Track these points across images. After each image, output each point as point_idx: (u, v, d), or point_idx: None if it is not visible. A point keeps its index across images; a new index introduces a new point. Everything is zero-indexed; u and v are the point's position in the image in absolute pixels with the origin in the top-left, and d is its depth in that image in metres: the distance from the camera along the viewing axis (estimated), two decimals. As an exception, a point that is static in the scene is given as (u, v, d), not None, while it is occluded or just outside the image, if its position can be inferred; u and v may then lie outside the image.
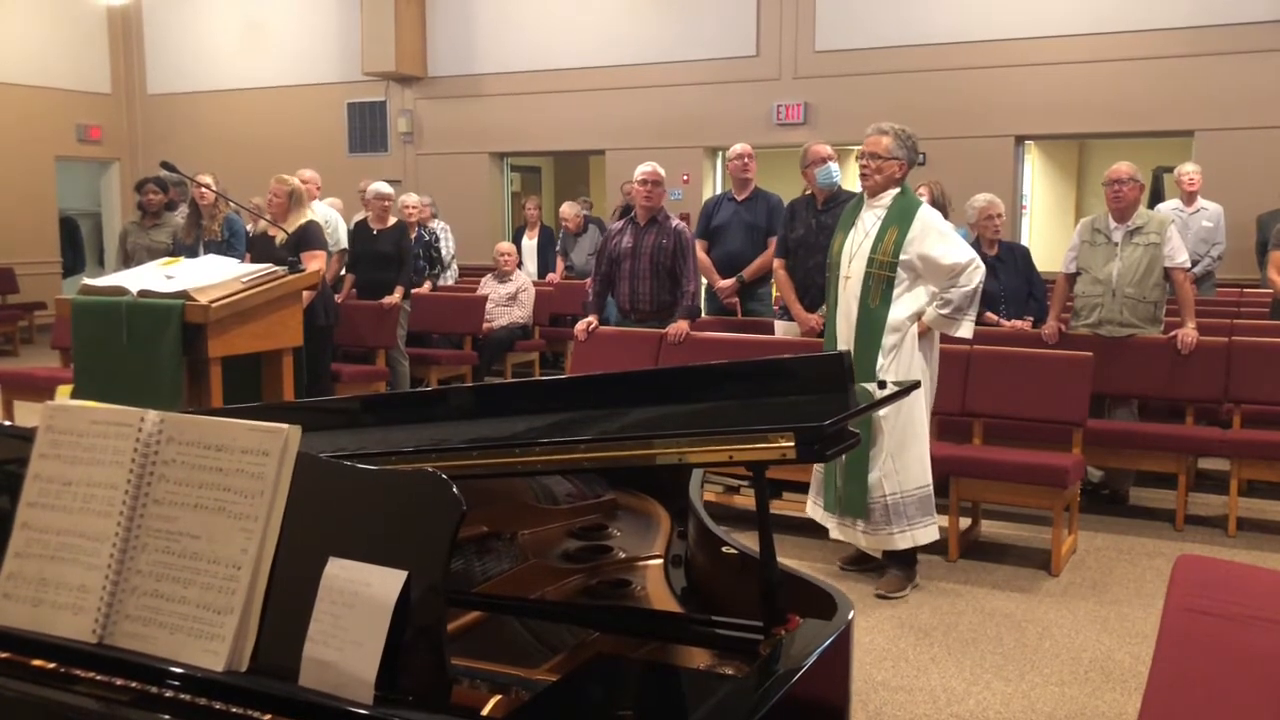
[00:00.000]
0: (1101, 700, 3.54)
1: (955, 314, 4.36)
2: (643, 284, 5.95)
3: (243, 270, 5.35)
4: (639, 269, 5.94)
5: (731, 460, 1.77)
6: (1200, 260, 7.99)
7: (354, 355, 7.74)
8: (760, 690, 1.61)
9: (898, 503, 4.37)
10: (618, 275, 6.04)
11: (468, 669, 1.76)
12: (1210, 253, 8.05)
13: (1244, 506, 5.51)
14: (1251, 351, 5.61)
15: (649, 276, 5.93)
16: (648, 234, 5.94)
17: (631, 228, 6.03)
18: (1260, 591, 2.86)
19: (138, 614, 1.62)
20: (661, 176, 5.99)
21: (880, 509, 4.38)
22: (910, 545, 4.43)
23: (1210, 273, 8.16)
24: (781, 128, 11.54)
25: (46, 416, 1.80)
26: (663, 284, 5.92)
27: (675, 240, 5.88)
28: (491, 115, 13.14)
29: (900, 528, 4.38)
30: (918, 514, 4.39)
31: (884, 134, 4.44)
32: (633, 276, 5.97)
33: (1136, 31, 10.04)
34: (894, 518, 4.37)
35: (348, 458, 1.71)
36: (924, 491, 4.41)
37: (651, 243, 5.90)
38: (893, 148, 4.41)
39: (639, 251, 5.93)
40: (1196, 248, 7.97)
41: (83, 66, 14.82)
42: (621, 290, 6.05)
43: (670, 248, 5.86)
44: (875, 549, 4.51)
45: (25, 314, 13.03)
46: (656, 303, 5.94)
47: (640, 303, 5.98)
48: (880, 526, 4.40)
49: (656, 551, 2.45)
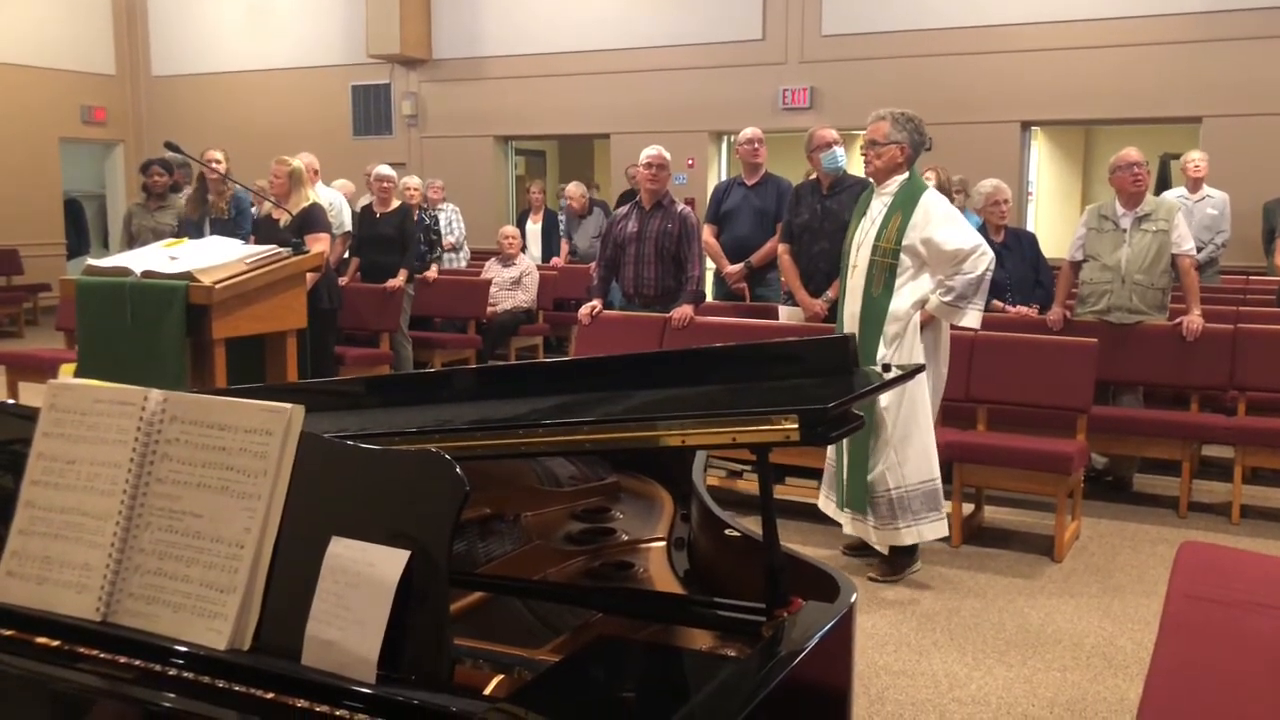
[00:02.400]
0: (1103, 685, 3.54)
1: (958, 301, 4.26)
2: (648, 269, 5.94)
3: (247, 252, 5.34)
4: (644, 253, 5.93)
5: (735, 442, 1.76)
6: (1204, 247, 7.96)
7: (358, 338, 7.74)
8: (762, 672, 1.61)
9: (902, 497, 4.31)
10: (623, 260, 6.03)
11: (470, 649, 1.76)
12: (1215, 240, 8.03)
13: (1248, 494, 5.51)
14: (1257, 339, 5.59)
15: (654, 261, 5.93)
16: (653, 218, 5.93)
17: (636, 212, 6.01)
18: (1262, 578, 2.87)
19: (141, 592, 1.63)
20: (666, 160, 5.97)
21: (885, 503, 4.33)
22: (916, 540, 4.39)
23: (1214, 260, 8.13)
24: (787, 112, 11.50)
25: (50, 395, 1.80)
26: (667, 269, 5.91)
27: (680, 225, 5.86)
28: (496, 98, 13.11)
29: (906, 522, 4.33)
30: (923, 509, 4.33)
31: (882, 119, 4.42)
32: (637, 261, 5.96)
33: (1144, 17, 9.98)
34: (900, 512, 4.32)
35: (351, 438, 1.70)
36: (929, 485, 4.34)
37: (657, 227, 5.89)
38: (890, 132, 4.37)
39: (644, 236, 5.92)
40: (1201, 235, 7.93)
41: (87, 48, 14.80)
42: (626, 275, 6.04)
43: (675, 232, 5.85)
44: (884, 544, 4.44)
45: (30, 295, 13.05)
46: (661, 287, 5.93)
47: (645, 287, 5.97)
48: (888, 521, 4.35)
49: (659, 534, 2.45)
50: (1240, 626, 2.49)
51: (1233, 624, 2.50)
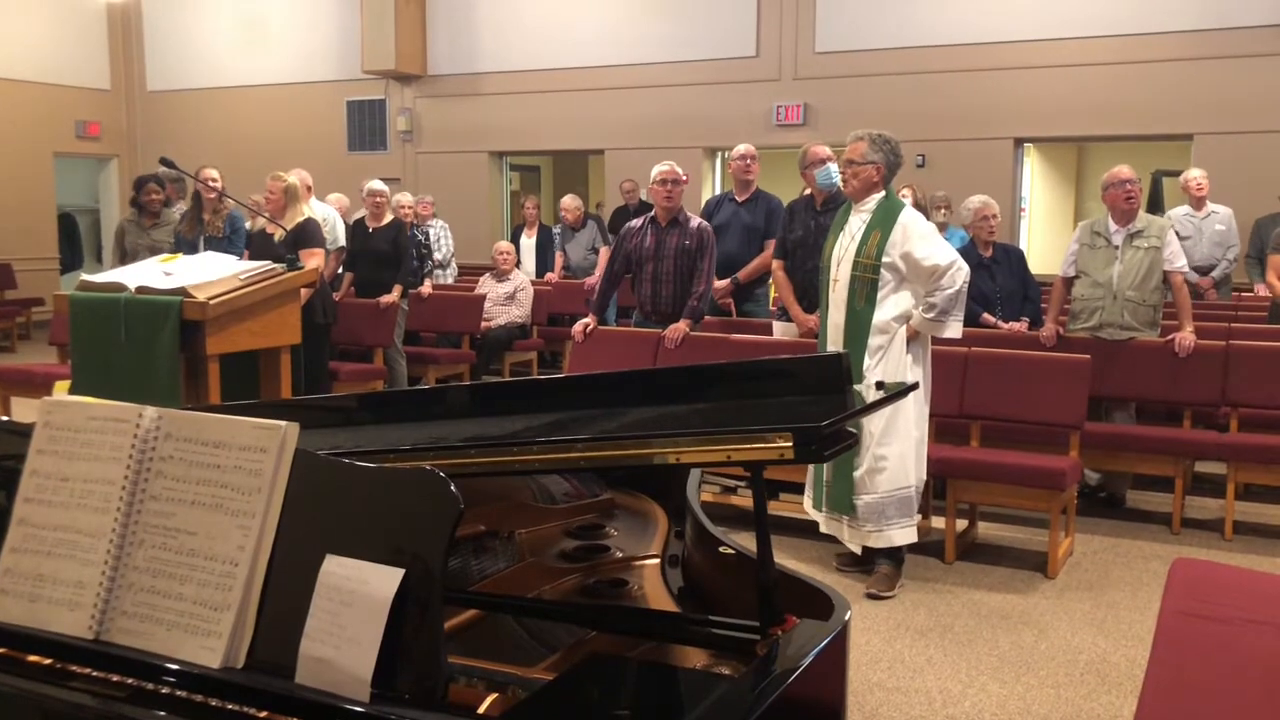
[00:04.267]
0: (1097, 703, 3.54)
1: (940, 316, 4.39)
2: (666, 286, 5.84)
3: (241, 267, 5.34)
4: (662, 271, 5.83)
5: (729, 460, 1.77)
6: (1218, 264, 7.97)
7: (351, 354, 7.73)
8: (757, 690, 1.61)
9: (878, 501, 4.41)
10: (640, 277, 5.91)
11: (465, 667, 1.76)
12: (1226, 255, 7.99)
13: (1241, 510, 5.51)
14: (1249, 355, 5.61)
15: (672, 280, 5.82)
16: (670, 235, 5.82)
17: (653, 228, 5.89)
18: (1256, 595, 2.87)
19: (134, 610, 1.62)
20: (680, 175, 5.87)
21: (862, 506, 4.43)
22: (885, 545, 4.46)
23: (1228, 276, 8.11)
24: (781, 128, 11.54)
25: (44, 412, 1.80)
26: (686, 286, 5.80)
27: (699, 240, 5.78)
28: (491, 114, 13.14)
29: (878, 526, 4.42)
30: (897, 515, 4.42)
31: (860, 140, 4.52)
32: (655, 279, 5.86)
33: (1136, 35, 10.04)
34: (875, 516, 4.42)
35: (345, 455, 1.71)
36: (905, 493, 4.43)
37: (675, 244, 5.79)
38: (867, 152, 4.47)
39: (662, 254, 5.81)
40: (1213, 252, 7.94)
41: (82, 63, 14.81)
42: (643, 292, 5.93)
43: (694, 248, 5.77)
44: (857, 544, 4.55)
45: (23, 310, 13.03)
46: (679, 305, 5.82)
47: (662, 304, 5.87)
48: (862, 523, 4.46)
49: (654, 551, 2.46)
50: (1233, 643, 2.49)
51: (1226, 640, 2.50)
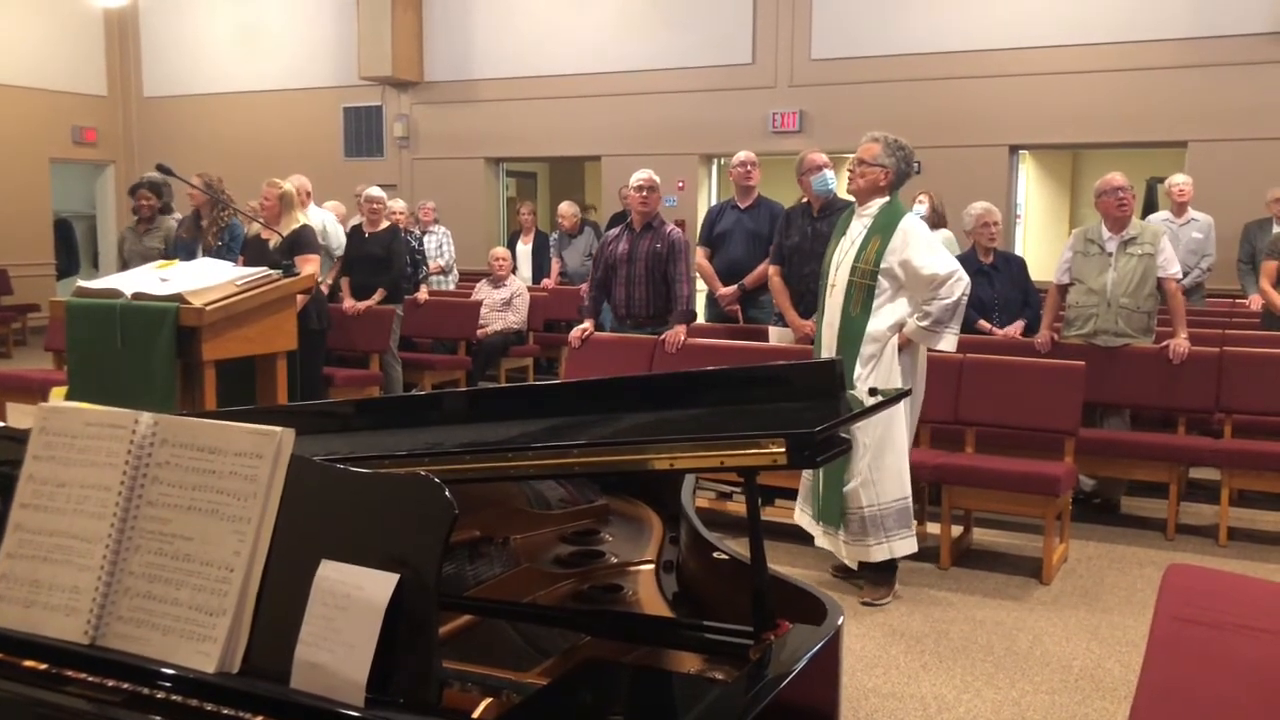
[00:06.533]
0: (1091, 708, 3.55)
1: (935, 326, 4.33)
2: (639, 290, 5.98)
3: (237, 274, 5.35)
4: (634, 274, 5.97)
5: (723, 466, 1.77)
6: (1190, 271, 8.01)
7: (347, 359, 7.73)
8: (750, 695, 1.61)
9: (875, 514, 4.37)
10: (614, 281, 6.07)
11: (459, 672, 1.76)
12: (1200, 264, 8.08)
13: (1235, 516, 5.53)
14: (1243, 362, 5.63)
15: (645, 283, 5.96)
16: (643, 239, 5.97)
17: (627, 234, 6.05)
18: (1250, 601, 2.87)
19: (130, 615, 1.63)
20: (656, 183, 6.02)
21: (858, 520, 4.39)
22: (888, 557, 4.43)
23: (1200, 284, 8.18)
24: (777, 135, 11.56)
25: (40, 418, 1.80)
26: (658, 290, 5.96)
27: (669, 245, 5.91)
28: (487, 120, 13.15)
29: (878, 539, 4.38)
30: (895, 526, 4.39)
31: (875, 141, 4.50)
32: (629, 282, 6.00)
33: (1131, 42, 10.07)
34: (872, 529, 4.37)
35: (341, 461, 1.71)
36: (902, 504, 4.40)
37: (647, 248, 5.93)
38: (880, 155, 4.45)
39: (634, 257, 5.96)
40: (1186, 259, 7.97)
41: (78, 68, 14.81)
42: (618, 296, 6.07)
43: (664, 253, 5.89)
44: (854, 560, 4.49)
45: (19, 316, 13.03)
46: (653, 308, 5.97)
47: (636, 308, 6.01)
48: (859, 537, 4.40)
49: (648, 556, 2.46)
50: (1227, 649, 2.50)
51: (1220, 646, 2.51)
